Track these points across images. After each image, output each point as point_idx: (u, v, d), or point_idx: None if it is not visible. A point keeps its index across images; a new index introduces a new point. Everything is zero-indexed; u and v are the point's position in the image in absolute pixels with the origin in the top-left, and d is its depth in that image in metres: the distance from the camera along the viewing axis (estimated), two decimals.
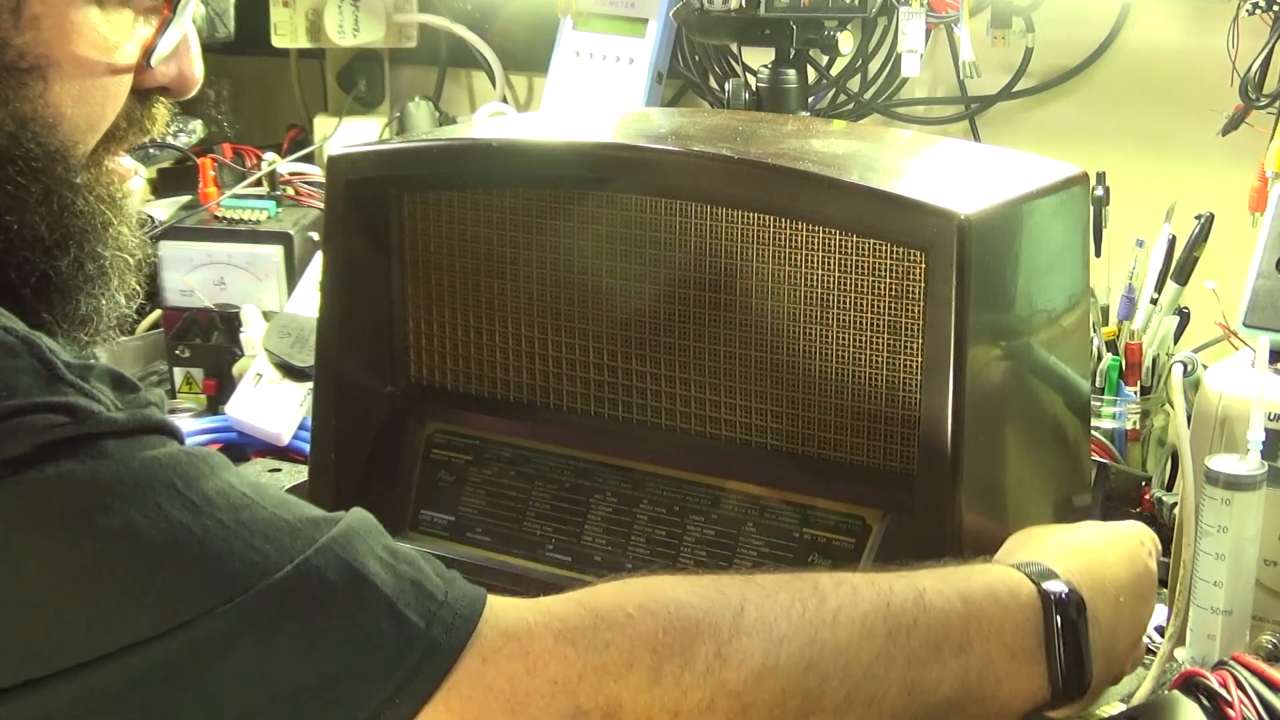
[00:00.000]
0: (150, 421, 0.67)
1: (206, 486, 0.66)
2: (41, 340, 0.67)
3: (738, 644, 0.69)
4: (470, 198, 1.12)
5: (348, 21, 2.11)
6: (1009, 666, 0.77)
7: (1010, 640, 0.77)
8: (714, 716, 0.68)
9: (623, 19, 1.92)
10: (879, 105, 1.83)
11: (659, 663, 0.68)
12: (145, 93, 0.80)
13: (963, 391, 0.91)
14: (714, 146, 1.03)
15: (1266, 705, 0.85)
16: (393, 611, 0.66)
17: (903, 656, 0.73)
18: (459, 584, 0.70)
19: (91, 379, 0.67)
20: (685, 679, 0.68)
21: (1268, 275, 1.18)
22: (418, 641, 0.66)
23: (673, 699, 0.68)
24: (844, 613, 0.73)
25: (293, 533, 0.67)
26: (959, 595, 0.77)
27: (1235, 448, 1.07)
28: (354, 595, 0.66)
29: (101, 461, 0.64)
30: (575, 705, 0.67)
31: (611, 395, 1.09)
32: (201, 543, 0.64)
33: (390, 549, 0.70)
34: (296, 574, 0.65)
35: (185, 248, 1.68)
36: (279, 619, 0.64)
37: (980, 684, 0.76)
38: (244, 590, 0.64)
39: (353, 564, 0.67)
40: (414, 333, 1.17)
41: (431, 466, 1.16)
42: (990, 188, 0.99)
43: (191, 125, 2.12)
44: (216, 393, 1.66)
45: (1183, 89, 1.61)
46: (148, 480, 0.65)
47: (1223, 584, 1.03)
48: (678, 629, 0.69)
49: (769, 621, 0.71)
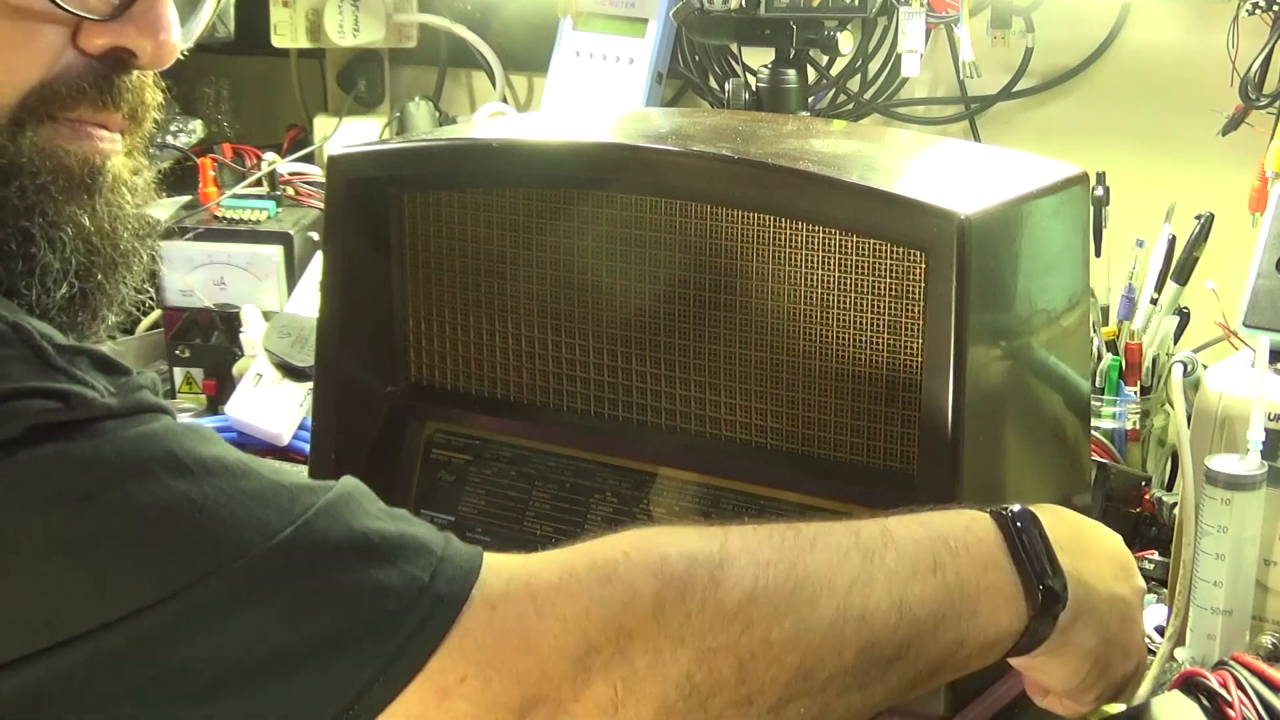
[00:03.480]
0: (144, 404, 0.67)
1: (204, 454, 0.66)
2: (32, 326, 0.66)
3: (728, 568, 0.71)
4: (470, 198, 1.12)
5: (348, 21, 2.11)
6: (984, 580, 0.79)
7: (978, 554, 0.79)
8: (717, 638, 0.70)
9: (623, 19, 1.92)
10: (879, 105, 1.83)
11: (660, 590, 0.70)
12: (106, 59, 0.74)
13: (963, 391, 0.91)
14: (714, 146, 1.03)
15: (1266, 705, 0.85)
16: (395, 565, 0.67)
17: (883, 575, 0.75)
18: (455, 541, 0.71)
19: (82, 364, 0.67)
20: (687, 604, 0.70)
21: (1268, 275, 1.18)
22: (425, 592, 0.67)
23: (676, 625, 0.69)
24: (819, 540, 0.75)
25: (291, 497, 0.67)
26: (919, 524, 0.80)
27: (1235, 448, 1.07)
28: (357, 552, 0.67)
29: (98, 439, 0.64)
30: (586, 640, 0.68)
31: (611, 395, 1.09)
32: (202, 509, 0.64)
33: (386, 509, 0.71)
34: (298, 535, 0.66)
35: (185, 248, 1.68)
36: (284, 578, 0.65)
37: (962, 599, 0.77)
38: (247, 551, 0.64)
39: (352, 523, 0.68)
40: (414, 333, 1.17)
41: (431, 466, 1.16)
42: (990, 188, 0.99)
43: (191, 125, 2.12)
44: (216, 393, 1.66)
45: (1183, 89, 1.61)
46: (146, 452, 0.65)
47: (1223, 584, 1.03)
48: (672, 559, 0.71)
49: (753, 549, 0.73)
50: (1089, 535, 0.88)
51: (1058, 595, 0.81)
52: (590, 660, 0.68)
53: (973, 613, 0.78)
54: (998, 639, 0.79)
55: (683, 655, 0.69)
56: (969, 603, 0.78)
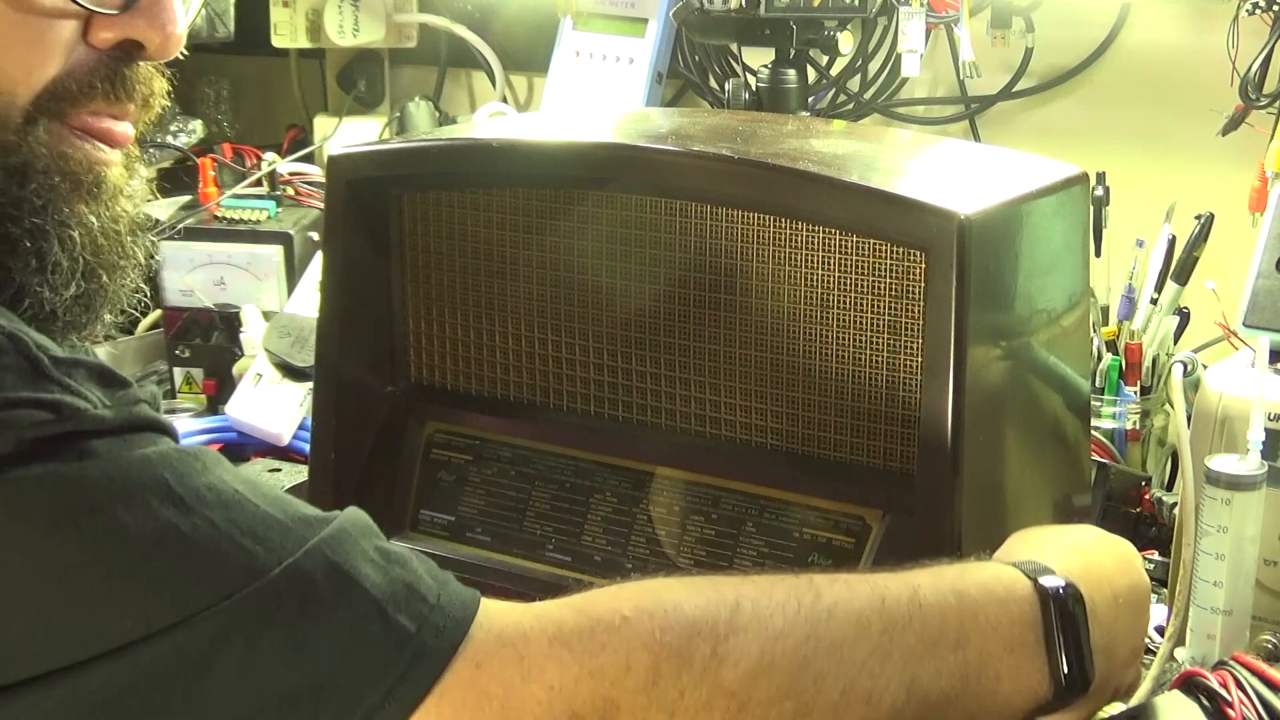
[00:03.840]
0: (139, 419, 0.66)
1: (198, 483, 0.65)
2: (28, 336, 0.65)
3: (734, 642, 0.69)
4: (470, 198, 1.12)
5: (348, 21, 2.11)
6: (1008, 662, 0.76)
7: (1008, 635, 0.77)
8: (711, 716, 0.68)
9: (623, 19, 1.92)
10: (879, 105, 1.83)
11: (655, 663, 0.68)
12: (114, 51, 0.74)
13: (963, 391, 0.91)
14: (714, 146, 1.03)
15: (1267, 705, 0.85)
16: (382, 615, 0.65)
17: (899, 652, 0.73)
18: (452, 586, 0.69)
19: (78, 376, 0.66)
20: (682, 679, 0.68)
21: (1268, 275, 1.17)
22: (408, 645, 0.65)
23: (669, 700, 0.67)
24: (839, 609, 0.72)
25: (284, 533, 0.65)
26: (954, 592, 0.77)
27: (1235, 448, 1.07)
28: (343, 598, 0.65)
29: (89, 461, 0.63)
30: (571, 710, 0.66)
31: (611, 395, 1.09)
32: (190, 542, 0.63)
33: (383, 550, 0.69)
34: (285, 576, 0.64)
35: (185, 248, 1.68)
36: (267, 622, 0.63)
37: (980, 680, 0.75)
38: (232, 592, 0.63)
39: (343, 566, 0.66)
40: (414, 333, 1.17)
41: (431, 466, 1.16)
42: (990, 188, 0.99)
43: (191, 125, 2.12)
44: (216, 393, 1.66)
45: (1183, 89, 1.61)
46: (137, 478, 0.64)
47: (1223, 584, 1.03)
48: (674, 629, 0.68)
49: (764, 619, 0.70)
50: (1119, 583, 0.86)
51: (1085, 683, 0.79)
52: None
53: (989, 693, 0.76)
54: (1010, 716, 0.77)
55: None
56: (987, 683, 0.76)
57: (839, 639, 0.71)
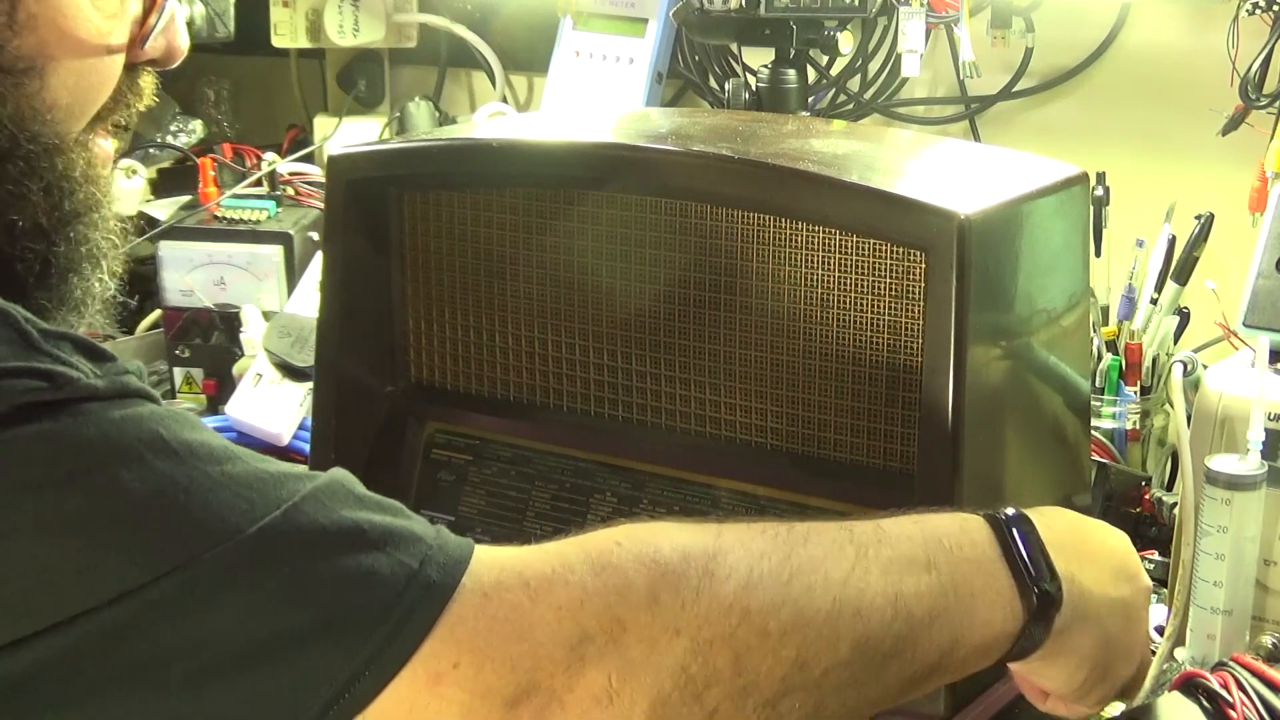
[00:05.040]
0: (128, 387, 0.67)
1: (190, 438, 0.66)
2: (16, 310, 0.67)
3: (722, 560, 0.71)
4: (470, 198, 1.12)
5: (348, 21, 2.11)
6: (978, 579, 0.78)
7: (971, 554, 0.79)
8: (713, 629, 0.69)
9: (623, 19, 1.92)
10: (879, 105, 1.83)
11: (654, 580, 0.69)
12: (134, 68, 0.81)
13: (963, 391, 0.91)
14: (714, 146, 1.03)
15: (1267, 706, 0.85)
16: (384, 552, 0.67)
17: (877, 569, 0.75)
18: (446, 532, 0.70)
19: (66, 349, 0.67)
20: (681, 594, 0.69)
21: (1268, 275, 1.17)
22: (414, 580, 0.66)
23: (671, 615, 0.69)
24: (813, 535, 0.75)
25: (278, 483, 0.67)
26: (913, 522, 0.79)
27: (1235, 448, 1.07)
28: (345, 538, 0.66)
29: (84, 419, 0.64)
30: (581, 629, 0.68)
31: (611, 395, 1.09)
32: (188, 491, 0.64)
33: (376, 499, 0.70)
34: (286, 519, 0.65)
35: (185, 248, 1.68)
36: (270, 563, 0.64)
37: (957, 598, 0.77)
38: (233, 535, 0.64)
39: (341, 509, 0.67)
40: (414, 333, 1.17)
41: (431, 466, 1.16)
42: (990, 188, 0.99)
43: (191, 125, 2.12)
44: (216, 393, 1.66)
45: (1183, 89, 1.61)
46: (132, 434, 0.65)
47: (1223, 584, 1.03)
48: (665, 550, 0.71)
49: (746, 542, 0.73)
50: (1089, 537, 0.88)
51: (1053, 599, 0.80)
52: (584, 649, 0.67)
53: (968, 612, 0.77)
54: (993, 641, 0.79)
55: (678, 645, 0.69)
56: (964, 602, 0.77)
57: (819, 557, 0.74)
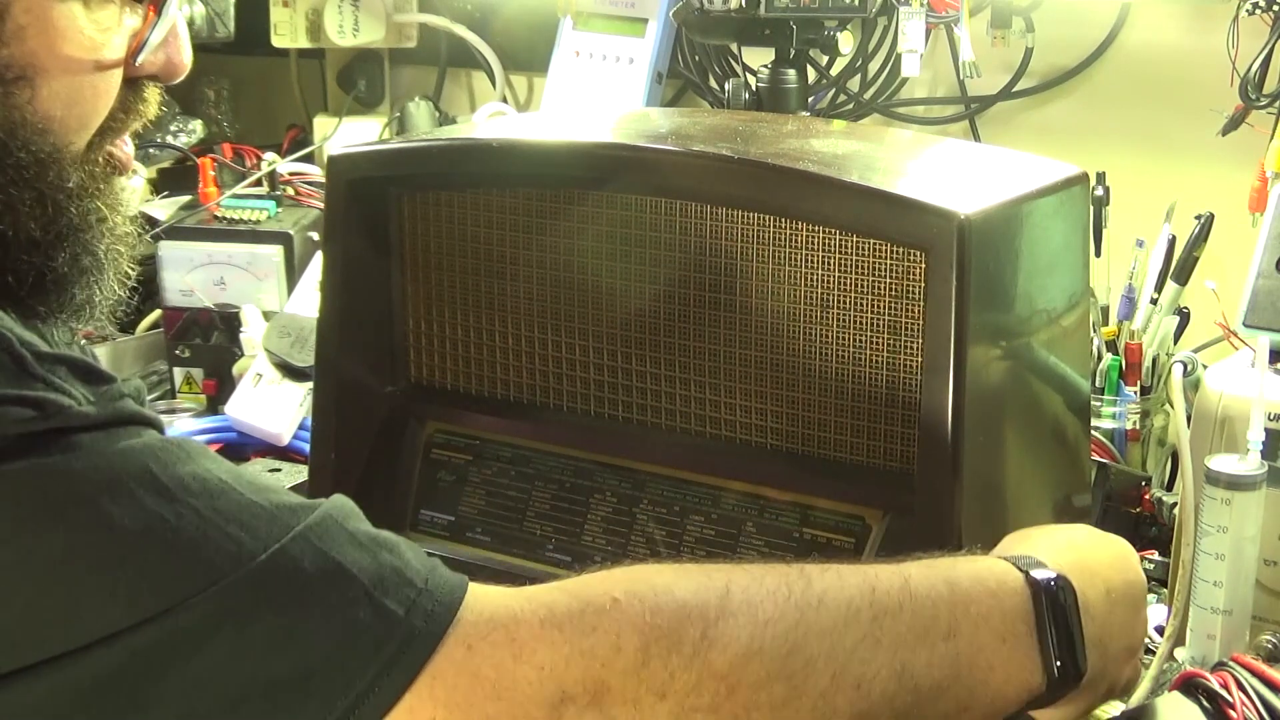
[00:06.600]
0: (123, 414, 0.67)
1: (182, 472, 0.66)
2: (11, 333, 0.66)
3: (723, 626, 0.69)
4: (470, 198, 1.12)
5: (348, 21, 2.11)
6: (1000, 652, 0.76)
7: (999, 626, 0.77)
8: (700, 698, 0.68)
9: (623, 19, 1.92)
10: (879, 105, 1.83)
11: (646, 645, 0.68)
12: (135, 81, 0.80)
13: (963, 391, 0.91)
14: (714, 146, 1.03)
15: (1268, 706, 0.85)
16: (370, 599, 0.66)
17: (889, 640, 0.73)
18: (440, 571, 0.69)
19: (61, 373, 0.66)
20: (672, 661, 0.68)
21: (1268, 275, 1.18)
22: (397, 629, 0.65)
23: (660, 681, 0.68)
24: (829, 596, 0.73)
25: (269, 520, 0.66)
26: (945, 582, 0.77)
27: (1235, 448, 1.07)
28: (330, 583, 0.66)
29: (73, 454, 0.64)
30: (562, 690, 0.66)
31: (611, 395, 1.09)
32: (176, 531, 0.64)
33: (369, 535, 0.69)
34: (272, 563, 0.65)
35: (185, 248, 1.68)
36: (254, 609, 0.64)
37: (971, 670, 0.75)
38: (219, 580, 0.63)
39: (329, 552, 0.66)
40: (414, 333, 1.17)
41: (431, 466, 1.16)
42: (990, 188, 0.99)
43: (191, 125, 2.12)
44: (216, 393, 1.66)
45: (1183, 89, 1.61)
46: (121, 469, 0.64)
47: (1223, 584, 1.03)
48: (664, 612, 0.69)
49: (754, 604, 0.71)
50: (1113, 579, 0.86)
51: (1078, 675, 0.79)
52: (564, 710, 0.66)
53: (981, 683, 0.76)
54: (1003, 708, 0.77)
55: (662, 710, 0.68)
56: (979, 673, 0.76)
57: (829, 625, 0.72)
